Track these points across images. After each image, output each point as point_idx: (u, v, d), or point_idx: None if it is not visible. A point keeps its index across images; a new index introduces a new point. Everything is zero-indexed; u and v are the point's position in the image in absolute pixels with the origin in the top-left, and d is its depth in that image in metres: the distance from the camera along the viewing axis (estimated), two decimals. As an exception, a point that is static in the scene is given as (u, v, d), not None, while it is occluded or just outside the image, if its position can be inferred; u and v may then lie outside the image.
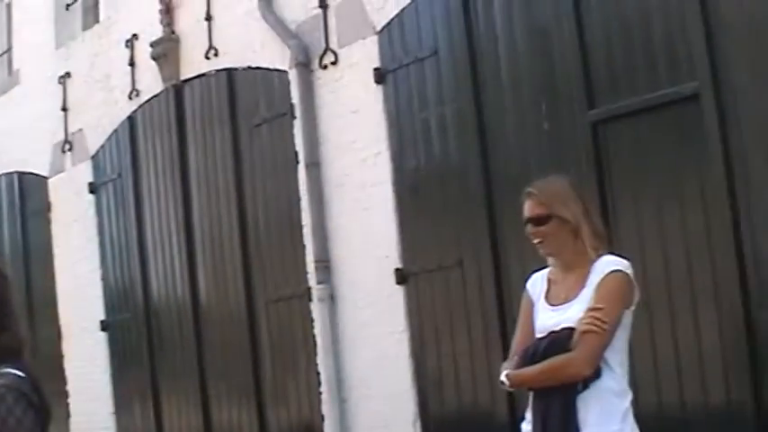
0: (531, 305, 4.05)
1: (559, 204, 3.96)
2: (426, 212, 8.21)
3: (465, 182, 7.89)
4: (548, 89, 7.34)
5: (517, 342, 4.05)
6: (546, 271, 4.10)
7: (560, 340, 3.83)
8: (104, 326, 11.80)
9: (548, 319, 3.94)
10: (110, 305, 11.81)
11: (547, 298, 4.01)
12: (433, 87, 8.19)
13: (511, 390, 4.23)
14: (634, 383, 4.04)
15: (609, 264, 3.92)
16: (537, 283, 4.09)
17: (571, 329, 3.82)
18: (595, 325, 3.76)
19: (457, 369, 7.93)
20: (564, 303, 3.93)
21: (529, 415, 3.99)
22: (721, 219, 6.29)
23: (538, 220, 3.97)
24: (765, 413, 6.12)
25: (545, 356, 3.84)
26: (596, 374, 3.81)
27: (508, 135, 7.63)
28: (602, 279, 3.86)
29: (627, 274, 3.90)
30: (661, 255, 6.56)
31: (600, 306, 3.78)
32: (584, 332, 3.78)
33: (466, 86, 7.88)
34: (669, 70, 6.59)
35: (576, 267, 3.96)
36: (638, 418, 3.94)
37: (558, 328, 3.87)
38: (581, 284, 3.92)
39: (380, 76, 8.53)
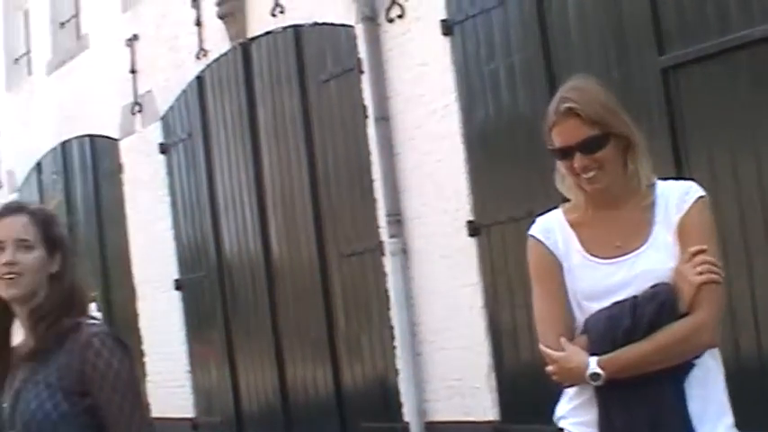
0: (557, 262, 2.98)
1: (611, 116, 2.93)
2: (497, 164, 8.29)
3: (534, 132, 7.91)
4: (616, 36, 7.35)
5: (554, 316, 2.94)
6: (558, 214, 3.08)
7: (669, 302, 2.82)
8: (178, 285, 12.10)
9: (605, 277, 2.91)
10: (183, 264, 12.09)
11: (587, 249, 2.96)
12: (500, 38, 8.24)
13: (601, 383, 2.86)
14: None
15: (684, 190, 2.97)
16: (554, 232, 3.03)
17: (666, 285, 2.85)
18: (714, 273, 2.82)
19: (531, 320, 7.97)
20: (629, 253, 2.91)
21: (587, 414, 2.94)
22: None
23: (591, 145, 2.90)
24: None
25: (651, 327, 2.81)
26: None
27: (577, 84, 7.64)
28: (689, 211, 2.91)
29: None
30: (737, 207, 6.50)
31: (704, 247, 2.84)
32: (703, 284, 2.80)
33: (533, 36, 7.92)
34: (742, 12, 6.54)
35: (628, 200, 2.97)
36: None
37: (648, 286, 2.86)
38: (646, 223, 2.94)
39: (448, 27, 8.60)
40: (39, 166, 15.66)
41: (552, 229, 3.02)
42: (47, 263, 2.97)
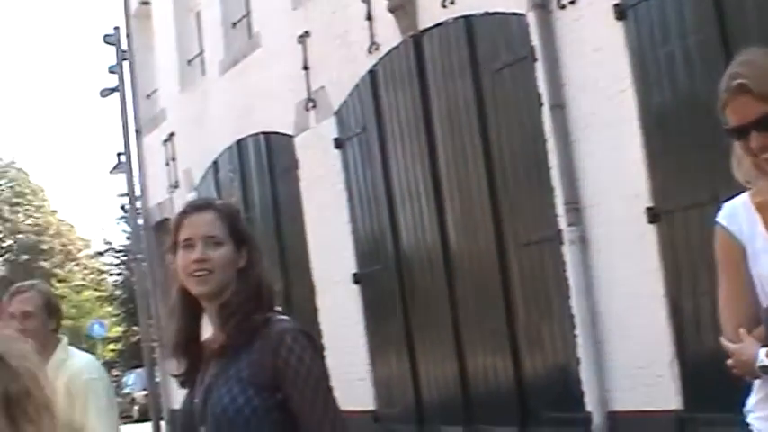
0: (740, 248, 2.84)
1: None
2: (676, 148, 8.31)
3: (715, 113, 7.90)
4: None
5: (733, 306, 2.83)
6: (745, 197, 2.91)
7: None
8: (357, 278, 12.46)
9: None
10: (361, 258, 12.45)
11: None
12: (675, 19, 8.26)
13: None
14: None
15: None
16: (739, 217, 2.88)
17: None
18: None
19: (715, 308, 7.97)
20: None
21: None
22: None
23: (767, 123, 2.71)
24: None
25: None
26: None
27: (758, 63, 7.61)
28: None
29: None
30: None
31: None
32: None
33: (709, 16, 7.93)
34: None
35: None
36: None
37: None
38: None
39: (621, 12, 8.67)
40: (215, 164, 16.33)
41: (737, 213, 2.86)
42: (235, 258, 3.00)
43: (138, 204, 20.19)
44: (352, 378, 12.46)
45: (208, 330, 3.10)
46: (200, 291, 3.00)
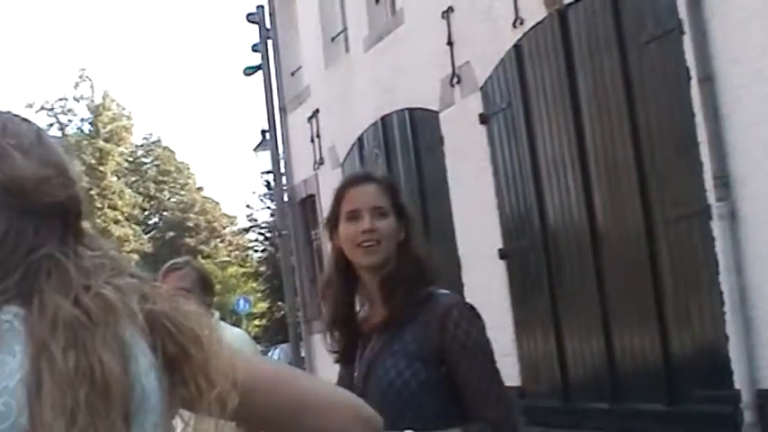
0: None
1: None
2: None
3: None
4: None
5: None
6: None
7: None
8: (503, 254, 12.64)
9: None
10: (507, 233, 12.61)
11: None
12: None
13: None
14: None
15: None
16: None
17: None
18: None
19: None
20: None
21: None
22: None
23: None
24: None
25: None
26: None
27: None
28: None
29: None
30: None
31: None
32: None
33: None
34: None
35: None
36: None
37: None
38: None
39: (772, -19, 8.64)
40: (360, 141, 16.69)
41: None
42: (397, 231, 3.09)
43: (283, 181, 20.70)
44: (497, 354, 12.39)
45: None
46: (368, 261, 3.08)
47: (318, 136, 18.58)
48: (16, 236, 1.51)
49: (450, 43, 13.45)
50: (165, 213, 61.92)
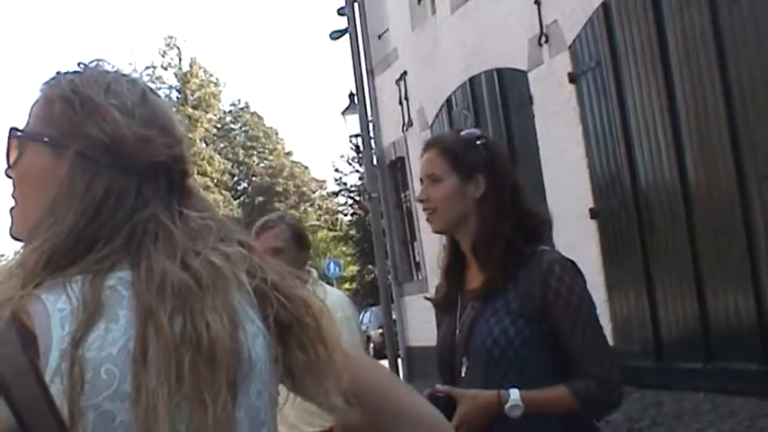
0: None
1: None
2: None
3: None
4: None
5: None
6: None
7: None
8: (593, 213, 12.63)
9: None
10: (597, 193, 12.60)
11: None
12: None
13: None
14: None
15: None
16: None
17: None
18: None
19: None
20: None
21: None
22: None
23: None
24: None
25: None
26: None
27: None
28: None
29: None
30: None
31: None
32: None
33: None
34: None
35: None
36: None
37: None
38: None
39: None
40: (448, 102, 16.77)
41: None
42: (462, 190, 3.08)
43: (372, 144, 20.83)
44: None
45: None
46: (433, 229, 3.15)
47: (406, 98, 18.67)
48: (119, 195, 1.52)
49: (537, 2, 13.42)
50: (254, 179, 62.52)
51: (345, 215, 53.12)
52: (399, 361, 19.76)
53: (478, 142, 3.14)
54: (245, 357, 1.49)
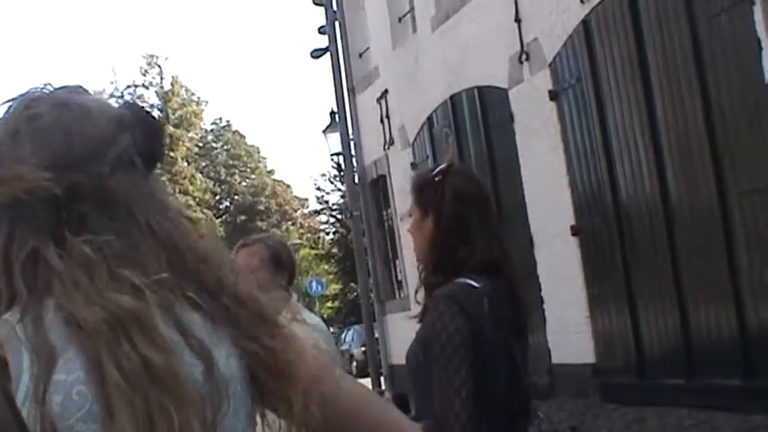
0: None
1: None
2: None
3: None
4: None
5: None
6: None
7: None
8: (575, 230, 12.64)
9: None
10: (579, 210, 12.62)
11: None
12: None
13: None
14: None
15: None
16: None
17: None
18: None
19: None
20: None
21: None
22: None
23: None
24: None
25: None
26: None
27: None
28: None
29: None
30: None
31: None
32: None
33: None
34: None
35: None
36: None
37: None
38: None
39: None
40: (429, 120, 16.78)
41: None
42: (422, 224, 3.34)
43: (353, 162, 20.82)
44: (570, 331, 12.71)
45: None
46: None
47: (388, 116, 18.68)
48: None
49: (517, 20, 13.46)
50: (236, 197, 62.51)
51: (327, 233, 53.09)
52: (382, 379, 19.73)
53: (437, 179, 3.32)
54: (217, 377, 1.46)
